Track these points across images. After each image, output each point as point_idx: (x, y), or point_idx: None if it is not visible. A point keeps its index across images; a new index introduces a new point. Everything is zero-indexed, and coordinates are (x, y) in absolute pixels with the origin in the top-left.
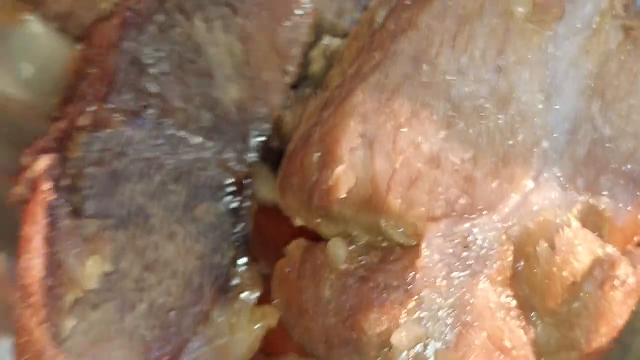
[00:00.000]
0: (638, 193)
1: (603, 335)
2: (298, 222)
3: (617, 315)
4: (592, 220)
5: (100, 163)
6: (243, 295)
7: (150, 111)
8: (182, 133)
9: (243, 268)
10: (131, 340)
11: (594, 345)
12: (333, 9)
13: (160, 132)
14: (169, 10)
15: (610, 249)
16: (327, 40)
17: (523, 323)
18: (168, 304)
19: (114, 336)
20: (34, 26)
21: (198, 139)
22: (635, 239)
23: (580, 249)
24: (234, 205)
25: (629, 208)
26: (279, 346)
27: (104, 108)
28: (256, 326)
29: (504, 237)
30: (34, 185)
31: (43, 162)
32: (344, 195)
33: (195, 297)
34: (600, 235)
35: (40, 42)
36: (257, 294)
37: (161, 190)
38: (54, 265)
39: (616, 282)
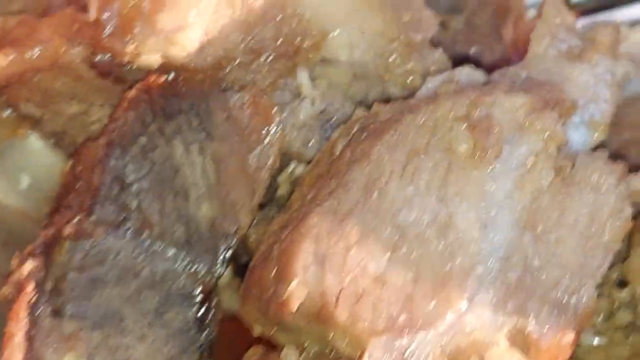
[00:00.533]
0: (561, 319)
1: None
2: (256, 331)
3: None
4: (520, 341)
5: (81, 269)
6: None
7: (129, 224)
8: (157, 245)
9: None
10: None
11: None
12: (300, 138)
13: (138, 243)
14: (151, 134)
15: None
16: (292, 166)
17: None
18: None
19: None
20: (33, 142)
21: (172, 251)
22: None
23: None
24: (201, 313)
25: (552, 332)
26: None
27: (87, 220)
28: None
29: (439, 352)
30: (19, 287)
31: (28, 266)
32: (296, 309)
33: None
34: (527, 356)
35: (37, 156)
36: None
37: (136, 296)
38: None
39: None
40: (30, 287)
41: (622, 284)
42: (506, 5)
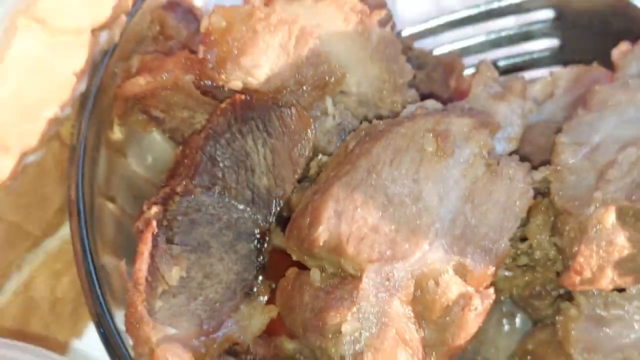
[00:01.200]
0: (487, 259)
1: (462, 339)
2: (294, 257)
3: (471, 328)
4: (461, 271)
5: (185, 214)
6: (259, 298)
7: (216, 187)
8: (233, 202)
9: (260, 282)
10: (193, 317)
11: (456, 344)
12: (325, 139)
13: (221, 200)
14: (233, 132)
15: (470, 289)
16: (320, 157)
17: (417, 327)
18: (215, 298)
19: (183, 314)
20: (156, 135)
21: (242, 206)
22: (484, 284)
23: (453, 287)
24: (259, 245)
25: (481, 266)
26: (277, 330)
27: (190, 183)
28: (265, 316)
29: (410, 275)
30: (147, 223)
31: (153, 210)
32: (321, 244)
33: (231, 296)
34: (465, 280)
35: (158, 144)
36: (266, 297)
37: (218, 233)
38: (153, 269)
39: (472, 308)
40: (154, 224)
41: (523, 239)
42: (452, 66)
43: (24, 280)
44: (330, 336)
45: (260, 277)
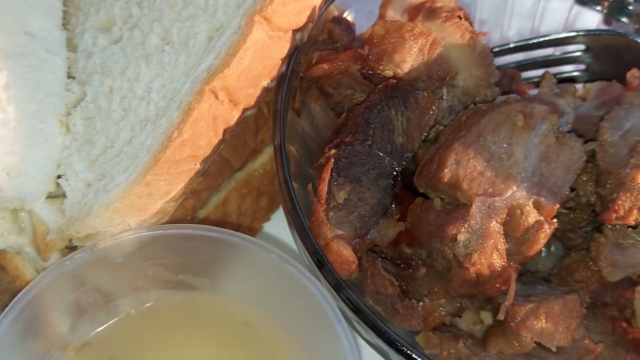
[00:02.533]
0: (554, 198)
1: (533, 251)
2: (421, 190)
3: (540, 244)
4: (536, 206)
5: (346, 157)
6: (393, 216)
7: (368, 141)
8: (378, 152)
9: (393, 206)
10: (351, 225)
11: (528, 254)
12: (443, 114)
13: (371, 150)
14: (382, 105)
15: (541, 218)
16: (438, 126)
17: (505, 240)
18: (365, 214)
19: (345, 222)
20: (324, 106)
21: (384, 155)
22: (551, 216)
23: (531, 215)
24: (393, 182)
25: (550, 203)
26: (402, 239)
27: (352, 137)
28: (395, 229)
29: (503, 206)
30: (327, 160)
31: (331, 152)
32: (445, 181)
33: (375, 214)
34: (539, 212)
35: (319, 113)
36: (397, 216)
37: (367, 172)
38: (329, 191)
39: (543, 230)
40: (331, 160)
41: (572, 190)
42: (514, 75)
43: (222, 198)
44: (448, 242)
45: (394, 204)
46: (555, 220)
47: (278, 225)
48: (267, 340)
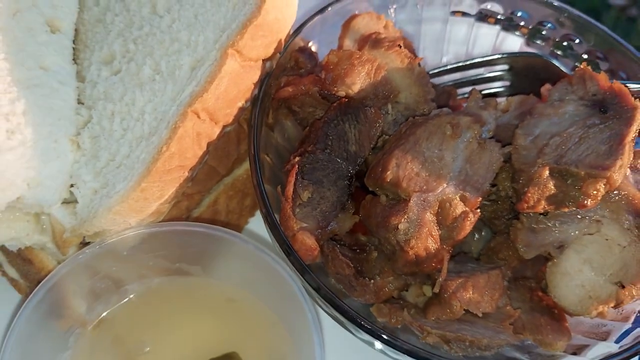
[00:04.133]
0: (477, 193)
1: (461, 236)
2: (370, 189)
3: (467, 230)
4: (463, 199)
5: (310, 163)
6: (349, 211)
7: (327, 150)
8: (336, 158)
9: (349, 202)
10: (314, 219)
11: (458, 239)
12: (388, 126)
13: (330, 157)
14: (338, 119)
15: (467, 209)
16: (384, 136)
17: (437, 228)
18: (326, 210)
19: (309, 217)
20: (290, 122)
21: (340, 161)
22: (475, 207)
23: (458, 207)
24: (349, 183)
25: (474, 197)
26: (357, 229)
27: (313, 147)
28: (351, 221)
29: (436, 200)
30: (292, 166)
31: (296, 159)
32: (388, 181)
33: (334, 209)
34: (465, 204)
35: (290, 128)
36: (352, 210)
37: (327, 175)
38: (294, 191)
39: (469, 218)
40: (296, 166)
41: (493, 185)
42: (450, 92)
43: (212, 199)
44: (391, 230)
45: (350, 200)
46: (479, 210)
47: (261, 223)
48: (248, 312)
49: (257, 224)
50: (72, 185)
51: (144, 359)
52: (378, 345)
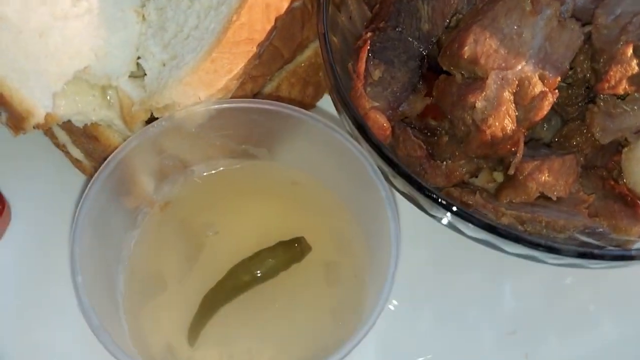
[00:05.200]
0: (556, 72)
1: (538, 117)
2: (444, 68)
3: (545, 111)
4: (542, 78)
5: (381, 41)
6: (420, 92)
7: (399, 27)
8: (408, 37)
9: (420, 83)
10: (385, 99)
11: (534, 120)
12: (460, 6)
13: (401, 35)
14: None
15: (546, 89)
16: (457, 14)
17: (514, 107)
18: (397, 90)
19: (380, 96)
20: (354, 3)
21: (412, 39)
22: (554, 87)
23: (537, 86)
24: (420, 63)
25: (553, 76)
26: (428, 112)
27: (386, 24)
28: (423, 103)
29: (514, 78)
30: (364, 42)
31: (367, 35)
32: (465, 58)
33: (405, 90)
34: (543, 83)
35: (359, 7)
36: (424, 92)
37: (398, 54)
38: (366, 69)
39: (547, 98)
40: (368, 43)
41: (571, 68)
42: None
43: (274, 86)
44: (468, 109)
45: (421, 82)
46: (557, 91)
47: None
48: (313, 196)
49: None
50: (139, 58)
51: (212, 240)
52: (453, 222)
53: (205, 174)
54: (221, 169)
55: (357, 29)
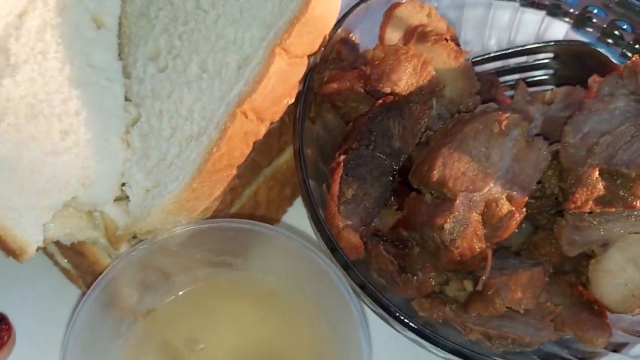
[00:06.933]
0: (523, 192)
1: (506, 235)
2: (414, 186)
3: (512, 229)
4: (509, 198)
5: (354, 160)
6: (392, 207)
7: (371, 146)
8: (379, 154)
9: (392, 199)
10: (358, 216)
11: (502, 237)
12: (431, 123)
13: (373, 153)
14: (383, 116)
15: (513, 208)
16: (429, 132)
17: (483, 227)
18: (369, 207)
19: (353, 214)
20: (332, 116)
21: (384, 157)
22: (521, 206)
23: (504, 206)
24: (392, 179)
25: (520, 196)
26: (399, 225)
27: (358, 144)
28: (394, 217)
29: (482, 199)
30: (337, 164)
31: (341, 157)
32: (434, 180)
33: (377, 205)
34: (511, 203)
35: (331, 121)
36: (395, 207)
37: (371, 171)
38: (339, 189)
39: (514, 218)
40: (341, 165)
41: (539, 182)
42: (492, 81)
43: (253, 191)
44: (436, 230)
45: (392, 197)
46: (524, 209)
47: (297, 215)
48: (290, 306)
49: (294, 213)
50: (123, 184)
51: (194, 357)
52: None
53: (185, 283)
54: (201, 278)
55: (333, 138)
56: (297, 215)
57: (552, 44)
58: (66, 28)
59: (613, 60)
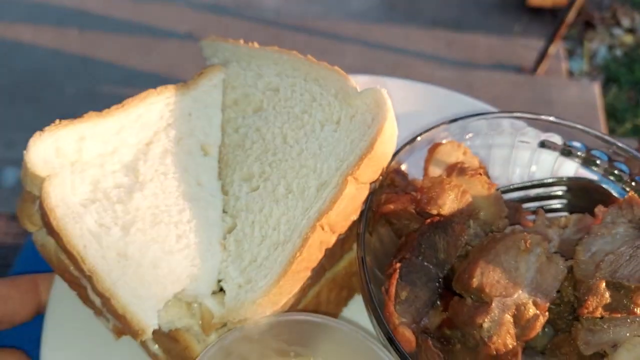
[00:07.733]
0: (546, 298)
1: (532, 334)
2: (457, 291)
3: (538, 329)
4: (534, 303)
5: (406, 267)
6: (439, 308)
7: (420, 257)
8: (428, 264)
9: (438, 300)
10: (410, 314)
11: (529, 336)
12: (469, 240)
13: (422, 263)
14: (430, 232)
15: (538, 312)
16: (467, 247)
17: (514, 327)
18: (420, 306)
19: (407, 312)
20: (384, 231)
21: (430, 266)
22: (545, 310)
23: (531, 310)
24: (438, 284)
25: (544, 301)
26: (444, 323)
27: (411, 254)
28: (440, 317)
29: (513, 303)
30: (394, 270)
31: (396, 265)
32: (474, 287)
33: (426, 306)
34: (536, 307)
35: (386, 235)
36: (442, 308)
37: (421, 277)
38: (395, 290)
39: (540, 320)
40: (396, 271)
41: (558, 291)
42: (517, 208)
43: (316, 291)
44: (476, 328)
45: (439, 300)
46: (547, 312)
47: (352, 311)
48: None
49: (347, 313)
50: (220, 280)
51: None
52: None
53: None
54: None
55: (386, 250)
56: (349, 314)
57: (564, 179)
58: (182, 154)
59: (615, 194)
